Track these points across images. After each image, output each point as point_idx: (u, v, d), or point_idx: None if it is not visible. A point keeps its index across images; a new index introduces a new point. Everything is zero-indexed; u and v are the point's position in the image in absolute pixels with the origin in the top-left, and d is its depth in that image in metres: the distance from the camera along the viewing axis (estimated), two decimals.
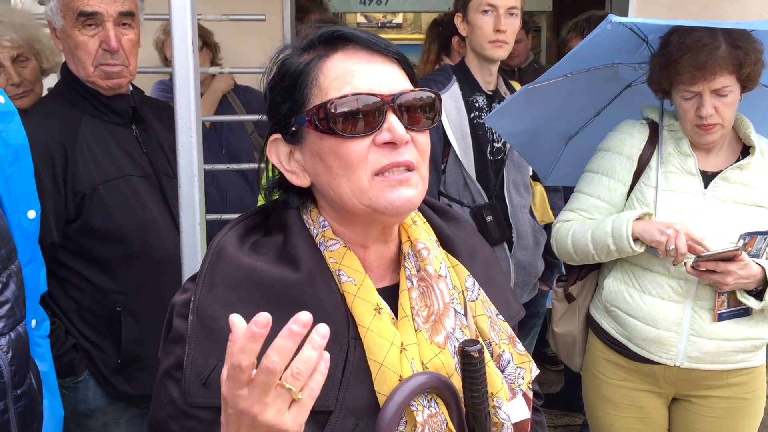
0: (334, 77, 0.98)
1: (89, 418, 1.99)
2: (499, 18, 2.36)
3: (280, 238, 1.02)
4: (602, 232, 2.00)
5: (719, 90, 1.90)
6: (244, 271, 0.97)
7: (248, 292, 0.95)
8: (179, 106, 1.68)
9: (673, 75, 1.92)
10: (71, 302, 1.95)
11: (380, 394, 0.96)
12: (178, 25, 1.66)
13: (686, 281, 1.98)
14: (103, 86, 1.97)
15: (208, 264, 0.98)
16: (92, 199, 1.90)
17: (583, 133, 2.38)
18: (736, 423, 2.11)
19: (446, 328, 1.03)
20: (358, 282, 0.99)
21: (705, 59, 1.85)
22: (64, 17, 1.91)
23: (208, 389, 0.92)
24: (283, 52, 1.04)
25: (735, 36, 1.89)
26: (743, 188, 2.01)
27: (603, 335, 2.15)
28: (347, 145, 0.96)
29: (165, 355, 0.99)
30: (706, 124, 1.94)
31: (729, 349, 2.01)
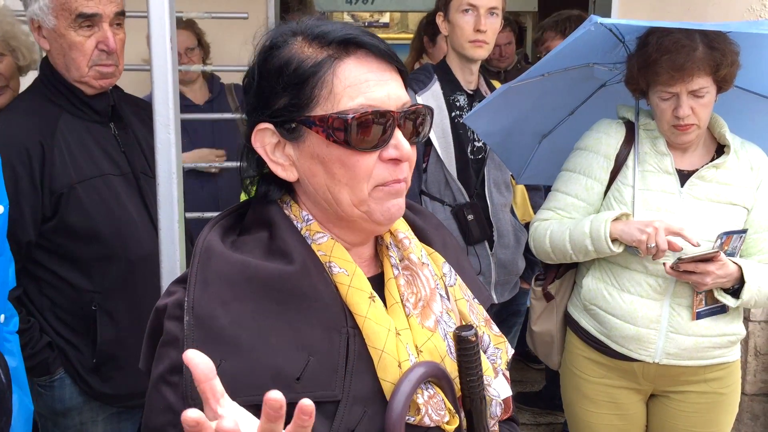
0: (347, 84, 0.96)
1: (65, 416, 1.98)
2: (480, 18, 2.37)
3: (264, 234, 1.01)
4: (580, 232, 2.01)
5: (696, 91, 1.92)
6: (238, 267, 0.95)
7: (244, 287, 0.94)
8: (157, 103, 1.67)
9: (651, 76, 1.94)
10: (46, 301, 1.94)
11: (384, 381, 0.97)
12: (156, 23, 1.64)
13: (664, 279, 2.00)
14: (96, 86, 1.95)
15: (198, 263, 0.96)
16: (69, 198, 1.88)
17: (556, 132, 2.39)
18: (712, 417, 2.13)
19: (435, 313, 1.05)
20: (350, 272, 1.00)
21: (683, 61, 1.87)
22: (57, 17, 1.88)
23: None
24: (280, 36, 1.01)
25: (712, 37, 1.91)
26: (719, 187, 2.03)
27: (582, 333, 2.16)
28: (356, 158, 0.97)
29: (157, 360, 0.95)
30: (682, 125, 1.96)
31: (706, 345, 2.04)
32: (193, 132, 3.08)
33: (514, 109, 2.22)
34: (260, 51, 1.01)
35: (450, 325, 1.07)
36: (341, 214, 1.01)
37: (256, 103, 1.01)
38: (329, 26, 0.99)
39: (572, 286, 2.24)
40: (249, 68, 1.03)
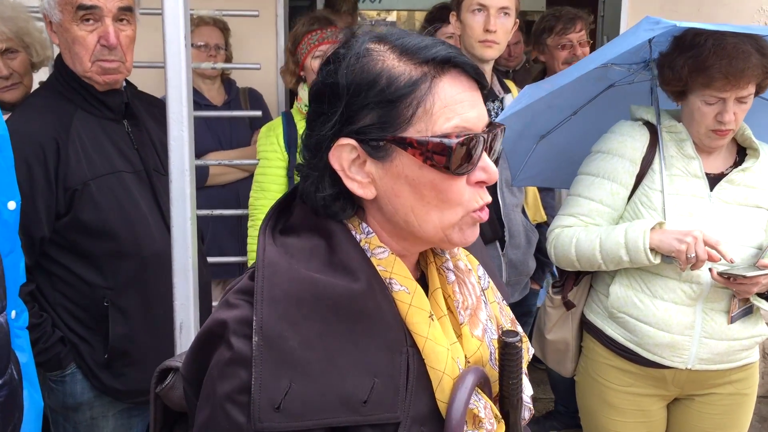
0: (444, 104, 0.93)
1: (77, 411, 1.99)
2: (489, 18, 2.35)
3: (321, 243, 0.98)
4: (614, 242, 1.96)
5: (744, 97, 1.90)
6: (306, 285, 0.93)
7: (312, 307, 0.92)
8: (171, 100, 1.67)
9: (703, 79, 1.89)
10: (59, 296, 1.95)
11: (440, 401, 0.97)
12: (171, 21, 1.65)
13: (698, 284, 1.97)
14: (100, 82, 1.96)
15: (263, 279, 0.93)
16: (83, 194, 1.89)
17: (556, 133, 2.33)
18: (734, 418, 2.13)
19: (482, 321, 1.05)
20: (411, 290, 0.98)
21: (743, 67, 1.84)
22: (62, 11, 1.90)
23: (281, 413, 0.88)
24: (361, 46, 0.96)
25: (761, 44, 1.89)
26: (747, 190, 2.01)
27: (607, 341, 2.12)
28: (450, 182, 0.94)
29: (222, 378, 0.92)
30: (723, 130, 1.94)
31: (737, 348, 2.03)
32: (214, 133, 3.11)
33: (531, 110, 2.18)
34: (337, 60, 0.96)
35: (493, 332, 1.07)
36: (420, 234, 0.98)
37: (337, 118, 0.95)
38: (421, 40, 0.96)
39: (588, 292, 2.21)
40: (322, 77, 0.97)
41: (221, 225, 3.06)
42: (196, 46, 2.99)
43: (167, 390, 1.12)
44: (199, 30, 3.01)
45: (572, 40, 3.37)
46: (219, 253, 2.97)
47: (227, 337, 0.93)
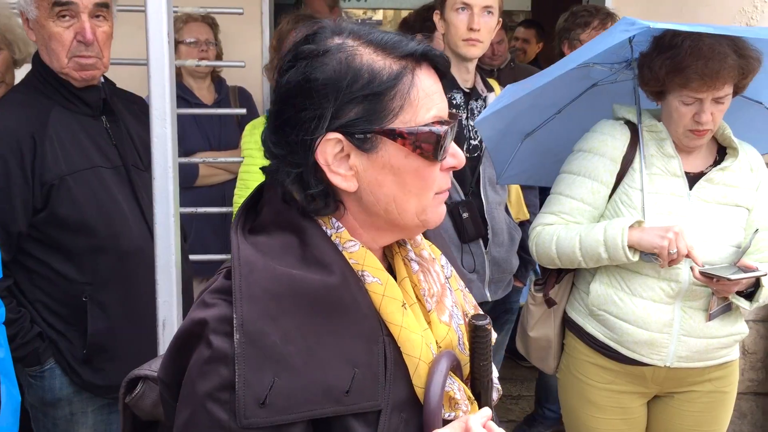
0: (424, 96, 0.98)
1: (55, 407, 1.99)
2: (473, 16, 2.37)
3: (292, 240, 0.99)
4: (593, 240, 1.98)
5: (721, 98, 1.93)
6: (283, 281, 0.94)
7: (291, 301, 0.94)
8: (154, 98, 1.68)
9: (680, 80, 1.91)
10: (37, 291, 1.96)
11: (417, 387, 1.01)
12: (153, 17, 1.65)
13: (677, 282, 1.99)
14: (77, 78, 1.96)
15: (240, 276, 0.94)
16: (60, 189, 1.90)
17: (540, 132, 2.35)
18: (714, 415, 2.16)
19: (447, 307, 1.09)
20: (383, 281, 1.01)
21: (718, 68, 1.86)
22: (38, 7, 1.91)
23: (267, 408, 0.90)
24: (327, 42, 0.98)
25: (739, 45, 1.91)
26: (725, 189, 2.04)
27: (587, 339, 2.14)
28: (430, 169, 0.99)
29: (202, 377, 0.93)
30: (701, 130, 1.96)
31: (715, 345, 2.06)
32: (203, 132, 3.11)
33: (514, 109, 2.20)
34: (308, 56, 0.97)
35: (459, 317, 1.10)
36: (399, 222, 1.02)
37: (325, 113, 0.96)
38: (391, 36, 0.99)
39: (570, 289, 2.22)
40: (300, 74, 0.97)
41: (205, 223, 3.06)
42: (186, 43, 2.99)
43: (137, 399, 1.14)
44: (188, 27, 3.01)
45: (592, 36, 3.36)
46: (203, 251, 2.97)
47: (206, 336, 0.94)
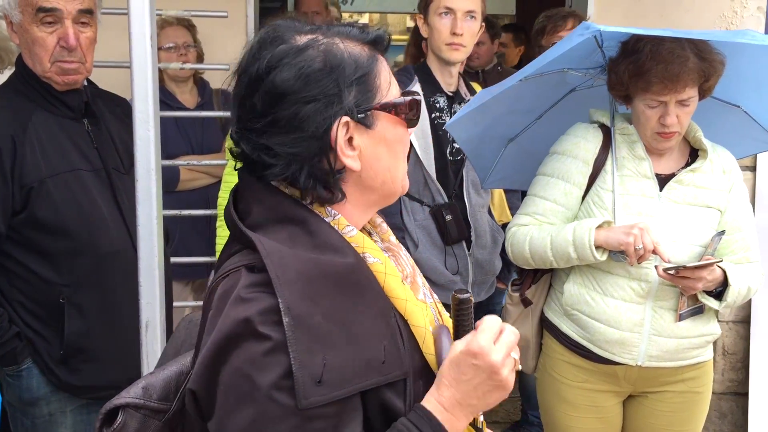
0: (388, 74, 1.09)
1: (34, 406, 2.00)
2: (456, 21, 2.40)
3: (297, 230, 1.02)
4: (563, 240, 2.02)
5: (684, 100, 1.96)
6: (312, 265, 0.99)
7: (322, 283, 0.98)
8: (137, 100, 1.68)
9: (642, 84, 1.95)
10: (16, 292, 1.96)
11: (427, 355, 1.07)
12: (137, 20, 1.66)
13: (647, 282, 2.02)
14: (59, 82, 1.98)
15: (273, 264, 0.97)
16: (39, 192, 1.90)
17: (523, 136, 2.38)
18: (688, 415, 2.18)
19: (420, 285, 1.16)
20: (383, 261, 1.08)
21: (678, 71, 1.90)
22: (22, 12, 1.92)
23: (322, 386, 0.93)
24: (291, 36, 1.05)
25: (701, 48, 1.94)
26: (696, 190, 2.07)
27: (562, 338, 2.17)
28: (408, 135, 1.12)
29: (261, 371, 0.94)
30: (667, 132, 1.99)
31: (686, 346, 2.08)
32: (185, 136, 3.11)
33: (489, 114, 2.23)
34: (285, 55, 1.02)
35: (430, 296, 1.18)
36: (391, 191, 1.12)
37: (326, 102, 1.01)
38: (353, 27, 1.10)
39: (548, 290, 2.25)
40: (277, 76, 1.01)
41: (189, 226, 3.06)
42: (165, 49, 2.98)
43: (118, 431, 1.10)
44: (164, 32, 3.00)
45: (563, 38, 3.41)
46: (187, 254, 2.97)
47: (255, 331, 0.95)
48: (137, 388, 1.11)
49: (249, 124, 1.04)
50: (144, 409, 1.10)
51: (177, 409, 1.12)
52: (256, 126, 1.03)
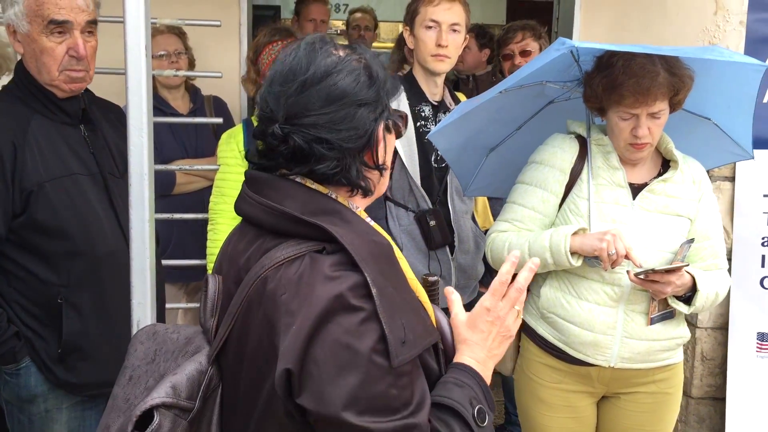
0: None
1: (31, 403, 2.05)
2: (441, 33, 2.48)
3: (334, 220, 1.16)
4: (540, 246, 2.09)
5: (655, 113, 2.04)
6: (372, 245, 1.15)
7: (383, 260, 1.15)
8: (132, 108, 1.73)
9: (616, 97, 2.03)
10: (14, 292, 2.01)
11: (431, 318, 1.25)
12: (132, 29, 1.70)
13: (620, 287, 2.10)
14: (66, 89, 2.04)
15: (350, 246, 1.11)
16: (38, 195, 1.96)
17: (503, 146, 2.47)
18: (659, 415, 2.26)
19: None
20: (392, 243, 1.23)
21: (648, 85, 1.98)
22: (30, 22, 1.97)
23: (406, 346, 1.10)
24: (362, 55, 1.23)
25: (671, 63, 2.03)
26: (667, 199, 2.15)
27: (538, 340, 2.24)
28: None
29: (359, 337, 1.07)
30: (639, 143, 2.07)
31: (657, 348, 2.16)
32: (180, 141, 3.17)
33: (471, 124, 2.30)
34: (334, 67, 1.18)
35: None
36: (383, 190, 1.30)
37: (374, 107, 1.19)
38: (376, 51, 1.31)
39: (526, 295, 2.32)
40: (332, 83, 1.17)
41: (185, 230, 3.11)
42: (156, 57, 3.03)
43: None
44: (155, 40, 3.04)
45: (513, 51, 3.53)
46: (182, 258, 3.03)
47: (349, 304, 1.08)
48: (166, 387, 1.15)
49: (300, 120, 1.15)
50: (175, 408, 1.14)
51: (199, 408, 1.17)
52: (308, 121, 1.15)
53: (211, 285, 1.24)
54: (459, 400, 1.17)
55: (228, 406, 1.21)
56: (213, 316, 1.23)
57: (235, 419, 1.21)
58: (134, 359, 1.31)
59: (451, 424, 1.15)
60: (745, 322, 3.26)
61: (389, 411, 1.08)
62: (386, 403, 1.08)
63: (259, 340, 1.14)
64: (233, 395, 1.20)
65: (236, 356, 1.18)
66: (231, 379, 1.20)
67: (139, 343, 1.34)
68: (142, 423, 1.13)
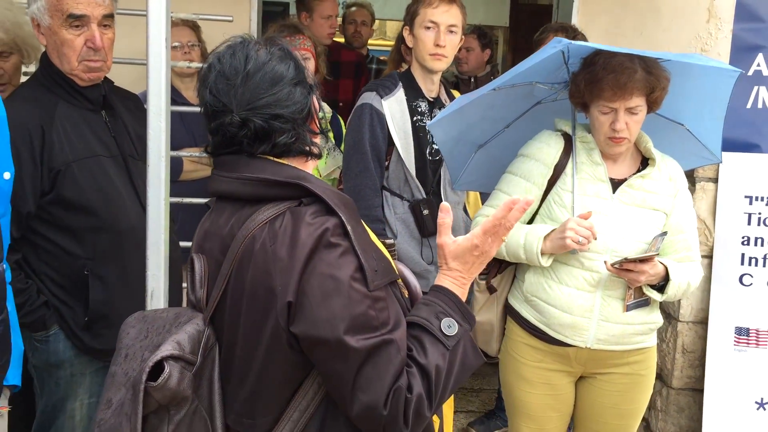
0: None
1: (58, 368, 2.19)
2: (440, 34, 2.63)
3: (304, 179, 1.35)
4: (515, 242, 2.26)
5: (632, 108, 2.19)
6: (339, 196, 1.34)
7: (349, 207, 1.34)
8: (152, 95, 1.88)
9: (596, 91, 2.19)
10: (43, 265, 2.15)
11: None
12: (154, 22, 1.85)
13: (597, 273, 2.25)
14: (85, 78, 2.18)
15: (324, 195, 1.30)
16: (65, 174, 2.11)
17: (491, 144, 2.61)
18: (632, 395, 2.41)
19: None
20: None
21: (625, 81, 2.14)
22: (51, 17, 2.11)
23: (379, 274, 1.29)
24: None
25: (649, 64, 2.19)
26: (644, 194, 2.30)
27: (522, 322, 2.40)
28: None
29: (339, 268, 1.26)
30: (617, 137, 2.22)
31: (630, 332, 2.31)
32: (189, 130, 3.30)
33: (465, 119, 2.44)
34: (272, 54, 1.40)
35: None
36: None
37: (304, 84, 1.44)
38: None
39: (512, 279, 2.47)
40: (276, 67, 1.39)
41: (190, 215, 3.24)
42: (171, 48, 3.17)
43: (164, 382, 1.26)
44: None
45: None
46: (187, 240, 3.17)
47: (329, 242, 1.27)
48: (172, 342, 1.29)
49: (255, 104, 1.34)
50: (182, 360, 1.29)
51: (200, 363, 1.32)
52: (262, 103, 1.34)
53: (197, 262, 1.40)
54: (425, 317, 1.35)
55: (225, 361, 1.36)
56: (202, 286, 1.38)
57: (233, 372, 1.36)
58: (127, 340, 1.44)
59: (420, 337, 1.33)
60: (724, 316, 3.39)
61: (370, 329, 1.26)
62: (367, 322, 1.26)
63: (254, 288, 1.29)
64: (230, 351, 1.35)
65: (232, 310, 1.34)
66: (228, 335, 1.35)
67: (130, 327, 1.47)
68: (153, 377, 1.26)
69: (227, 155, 1.39)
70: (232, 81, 1.35)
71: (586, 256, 2.24)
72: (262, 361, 1.31)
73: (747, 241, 3.39)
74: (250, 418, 1.34)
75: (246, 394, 1.34)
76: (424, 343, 1.32)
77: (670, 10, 3.56)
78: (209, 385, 1.34)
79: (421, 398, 1.28)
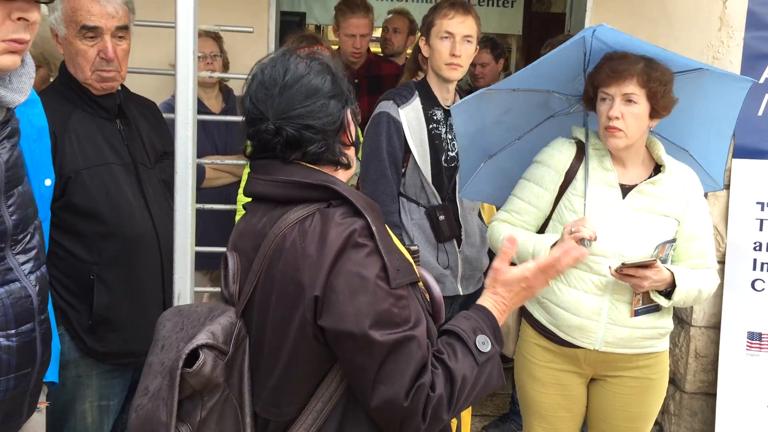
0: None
1: (64, 368, 2.19)
2: (455, 44, 2.70)
3: (333, 183, 1.43)
4: (524, 249, 2.32)
5: (628, 95, 2.22)
6: (366, 200, 1.41)
7: (375, 210, 1.41)
8: (180, 105, 1.95)
9: (597, 80, 2.26)
10: (51, 268, 2.14)
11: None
12: (183, 35, 1.92)
13: (606, 277, 2.30)
14: (98, 88, 2.23)
15: (353, 197, 1.38)
16: (76, 181, 2.14)
17: (501, 155, 2.64)
18: (643, 399, 2.45)
19: None
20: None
21: (624, 68, 2.21)
22: (67, 27, 2.18)
23: (401, 274, 1.36)
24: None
25: (653, 60, 2.24)
26: (654, 200, 2.34)
27: (534, 323, 2.46)
28: None
29: (365, 267, 1.33)
30: (611, 126, 2.24)
31: (638, 335, 2.35)
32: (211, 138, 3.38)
33: (483, 115, 2.48)
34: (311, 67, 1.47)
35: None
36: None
37: (340, 98, 1.49)
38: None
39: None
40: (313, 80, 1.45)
41: (211, 221, 3.32)
42: None
43: (199, 369, 1.33)
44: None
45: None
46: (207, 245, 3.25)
47: (356, 242, 1.34)
48: (206, 332, 1.36)
49: (289, 114, 1.41)
50: (215, 349, 1.36)
51: (231, 353, 1.39)
52: (295, 113, 1.41)
53: (230, 259, 1.48)
54: (464, 328, 1.43)
55: (254, 352, 1.44)
56: (235, 282, 1.46)
57: (262, 363, 1.43)
58: (164, 332, 1.49)
59: (455, 345, 1.41)
60: (736, 321, 3.42)
61: (392, 325, 1.32)
62: (390, 318, 1.32)
63: (284, 283, 1.37)
64: (259, 343, 1.43)
65: (263, 305, 1.41)
66: (258, 328, 1.43)
67: (166, 320, 1.52)
68: (188, 364, 1.33)
69: (263, 160, 1.47)
70: (270, 91, 1.43)
71: (594, 260, 2.28)
72: (289, 352, 1.38)
73: (759, 246, 3.43)
74: (276, 407, 1.41)
75: (273, 383, 1.41)
76: (456, 350, 1.40)
77: (682, 19, 3.60)
78: (239, 374, 1.42)
79: (442, 399, 1.34)
